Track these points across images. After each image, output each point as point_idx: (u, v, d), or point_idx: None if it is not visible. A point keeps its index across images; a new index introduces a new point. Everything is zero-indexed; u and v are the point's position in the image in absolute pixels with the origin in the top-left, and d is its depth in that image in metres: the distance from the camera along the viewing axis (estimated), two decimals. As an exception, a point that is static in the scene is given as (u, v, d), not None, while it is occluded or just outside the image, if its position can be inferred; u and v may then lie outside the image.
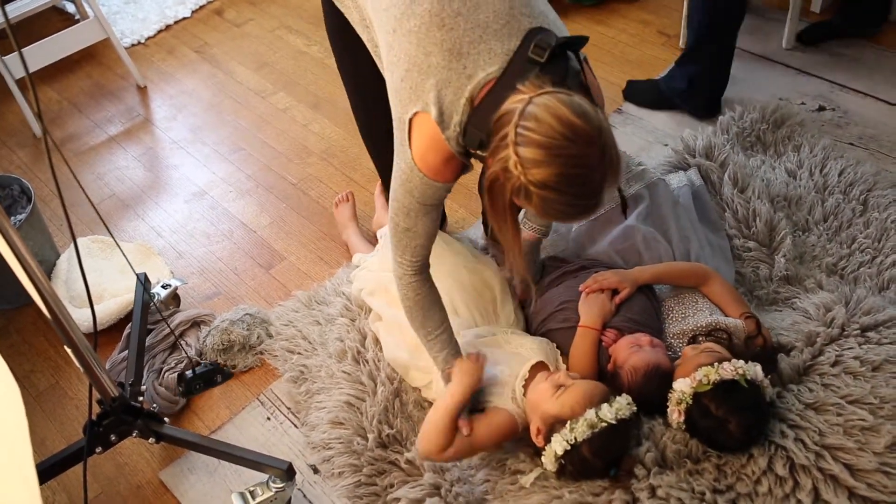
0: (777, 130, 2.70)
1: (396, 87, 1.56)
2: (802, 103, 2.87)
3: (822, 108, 2.84)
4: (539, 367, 1.88)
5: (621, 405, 1.71)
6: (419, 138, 1.54)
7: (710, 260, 2.19)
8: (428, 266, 1.80)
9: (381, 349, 2.16)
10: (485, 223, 2.39)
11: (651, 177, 2.39)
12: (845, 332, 1.97)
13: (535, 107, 1.37)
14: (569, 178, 1.38)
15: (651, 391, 1.77)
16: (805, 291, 2.17)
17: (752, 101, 2.80)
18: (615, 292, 2.00)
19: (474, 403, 1.86)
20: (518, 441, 1.89)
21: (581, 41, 1.52)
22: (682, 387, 1.76)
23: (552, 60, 1.46)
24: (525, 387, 1.84)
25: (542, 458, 1.76)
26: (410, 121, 1.53)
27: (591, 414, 1.69)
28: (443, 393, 1.82)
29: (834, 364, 1.91)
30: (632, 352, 1.86)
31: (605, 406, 1.70)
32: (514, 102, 1.40)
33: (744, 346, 1.90)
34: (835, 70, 2.99)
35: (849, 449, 1.75)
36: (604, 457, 1.71)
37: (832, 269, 2.26)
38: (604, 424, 1.68)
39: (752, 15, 3.29)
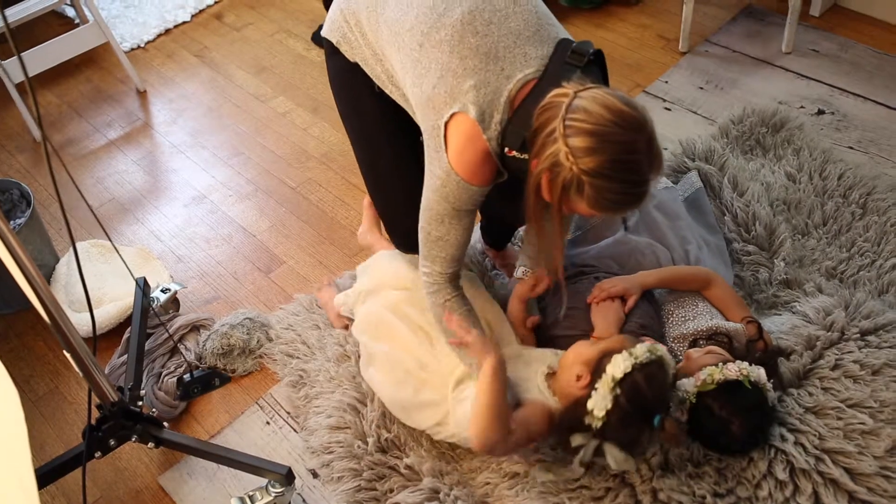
0: (776, 134, 2.70)
1: (429, 96, 1.56)
2: (802, 107, 2.88)
3: (821, 112, 2.85)
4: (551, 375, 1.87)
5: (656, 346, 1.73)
6: (456, 138, 1.55)
7: (709, 261, 2.19)
8: (459, 277, 1.78)
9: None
10: (483, 232, 2.39)
11: None
12: (845, 336, 1.97)
13: (581, 100, 1.41)
14: (620, 164, 1.41)
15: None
16: (805, 295, 2.17)
17: (751, 104, 2.80)
18: (623, 299, 2.00)
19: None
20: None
21: (602, 55, 1.58)
22: (686, 386, 1.76)
23: (587, 68, 1.51)
24: (548, 380, 1.81)
25: (592, 400, 1.66)
26: (447, 124, 1.54)
27: (646, 343, 1.70)
28: (483, 377, 1.71)
29: (834, 368, 1.91)
30: None
31: (652, 344, 1.71)
32: (557, 97, 1.44)
33: (745, 350, 1.90)
34: (834, 74, 2.99)
35: (849, 453, 1.75)
36: (659, 393, 1.68)
37: (832, 272, 2.26)
38: (659, 353, 1.69)
39: (751, 19, 3.30)
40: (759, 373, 1.77)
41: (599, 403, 1.66)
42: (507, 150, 1.54)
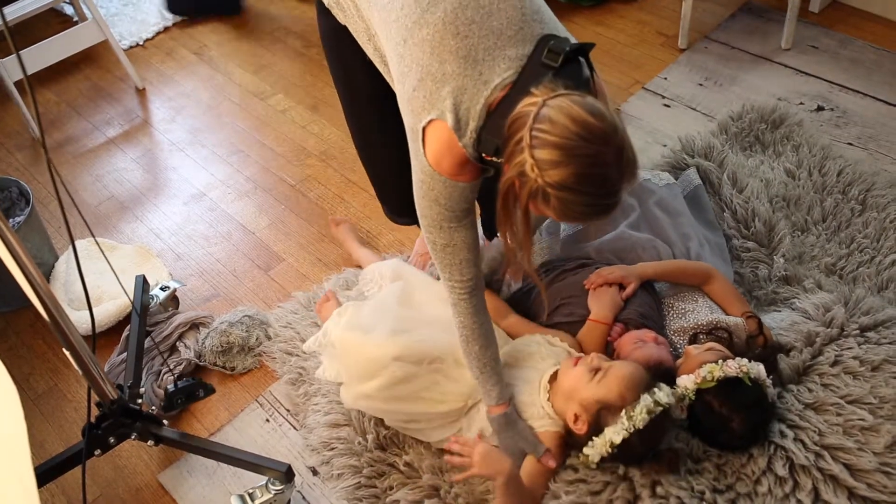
0: (776, 130, 2.70)
1: (409, 97, 1.55)
2: (801, 103, 2.87)
3: (820, 108, 2.85)
4: (555, 376, 1.87)
5: (667, 389, 1.72)
6: (433, 144, 1.53)
7: (710, 258, 2.19)
8: (483, 286, 1.76)
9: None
10: (483, 226, 2.38)
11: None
12: (844, 332, 1.97)
13: (548, 109, 1.37)
14: (586, 178, 1.38)
15: (652, 386, 1.77)
16: (804, 291, 2.17)
17: (750, 101, 2.80)
18: (621, 287, 2.01)
19: None
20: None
21: (589, 47, 1.52)
22: (686, 383, 1.76)
23: (565, 66, 1.46)
24: (549, 398, 1.83)
25: (587, 448, 1.74)
26: (424, 129, 1.52)
27: (648, 400, 1.68)
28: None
29: (833, 364, 1.91)
30: (635, 346, 1.87)
31: (657, 391, 1.70)
32: (527, 106, 1.40)
33: (745, 345, 1.90)
34: (833, 70, 2.99)
35: (848, 449, 1.75)
36: (652, 444, 1.72)
37: (831, 269, 2.26)
38: (660, 409, 1.68)
39: (750, 15, 3.30)
40: (759, 369, 1.77)
41: (594, 456, 1.74)
42: (484, 155, 1.53)
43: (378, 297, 2.14)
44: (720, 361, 1.77)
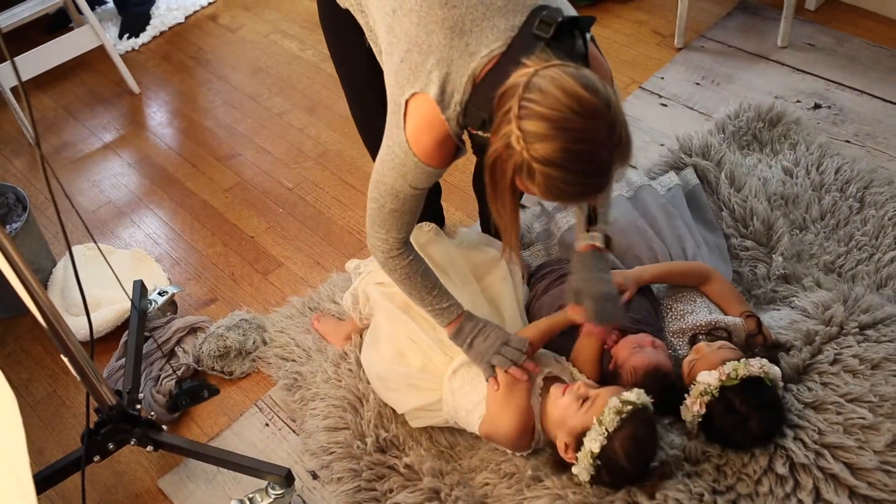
0: (773, 129, 2.70)
1: (395, 69, 1.50)
2: (798, 101, 2.87)
3: (817, 106, 2.84)
4: (550, 379, 1.87)
5: (638, 391, 1.72)
6: (414, 119, 1.49)
7: (707, 258, 2.19)
8: (410, 241, 1.76)
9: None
10: (483, 223, 2.38)
11: (635, 183, 2.38)
12: (844, 331, 1.97)
13: (540, 79, 1.32)
14: (574, 154, 1.32)
15: (650, 391, 1.77)
16: (803, 290, 2.17)
17: (747, 99, 2.80)
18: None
19: None
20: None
21: (589, 22, 1.47)
22: (709, 379, 1.75)
23: (557, 37, 1.40)
24: (541, 400, 1.83)
25: (576, 468, 1.74)
26: (407, 102, 1.48)
27: (614, 401, 1.68)
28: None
29: (833, 362, 1.91)
30: (633, 352, 1.86)
31: (625, 392, 1.70)
32: (518, 76, 1.35)
33: (745, 344, 1.90)
34: (830, 68, 2.99)
35: (849, 447, 1.75)
36: (636, 452, 1.70)
37: (830, 267, 2.26)
38: (629, 408, 1.67)
39: (746, 14, 3.30)
40: (775, 370, 1.78)
41: (583, 473, 1.73)
42: (469, 129, 1.49)
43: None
44: (743, 360, 1.76)
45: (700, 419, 1.79)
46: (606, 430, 1.66)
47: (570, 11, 1.52)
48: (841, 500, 1.70)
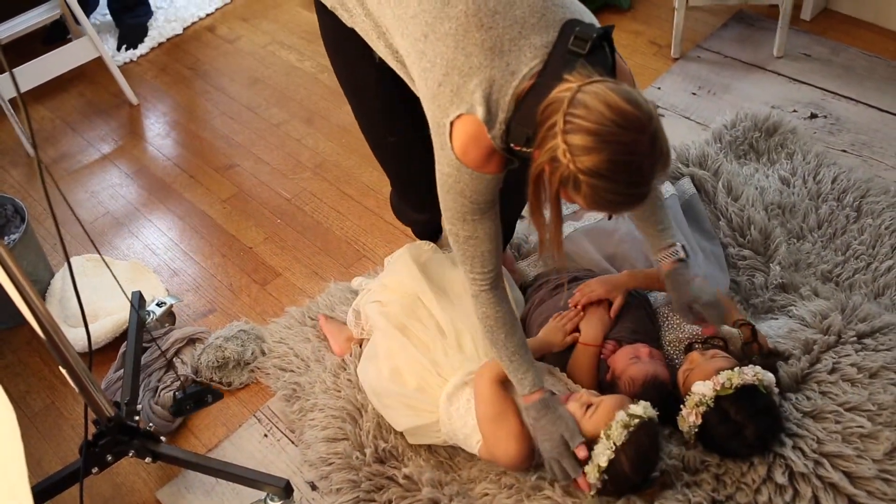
0: (770, 138, 2.71)
1: (434, 93, 1.53)
2: (794, 111, 2.88)
3: (814, 116, 2.85)
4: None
5: (644, 403, 1.72)
6: (461, 138, 1.52)
7: (704, 267, 2.19)
8: (502, 277, 1.76)
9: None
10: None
11: None
12: (842, 340, 1.98)
13: (584, 94, 1.37)
14: (619, 166, 1.37)
15: (649, 401, 1.77)
16: (801, 299, 2.17)
17: (744, 109, 2.81)
18: (611, 303, 2.00)
19: None
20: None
21: (610, 30, 1.52)
22: (704, 390, 1.75)
23: (593, 52, 1.46)
24: None
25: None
26: (452, 123, 1.51)
27: (622, 415, 1.68)
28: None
29: (831, 371, 1.92)
30: (630, 362, 1.86)
31: (632, 405, 1.70)
32: (561, 91, 1.39)
33: (741, 353, 1.90)
34: (826, 77, 3.00)
35: (847, 456, 1.75)
36: (644, 467, 1.71)
37: (827, 276, 2.26)
38: (636, 421, 1.68)
39: (742, 24, 3.31)
40: (769, 377, 1.78)
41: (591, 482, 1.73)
42: (513, 145, 1.52)
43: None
44: (737, 369, 1.76)
45: (696, 429, 1.79)
46: (614, 444, 1.67)
47: (592, 18, 1.56)
48: (840, 509, 1.70)
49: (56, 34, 3.59)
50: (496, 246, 1.69)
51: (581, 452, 1.71)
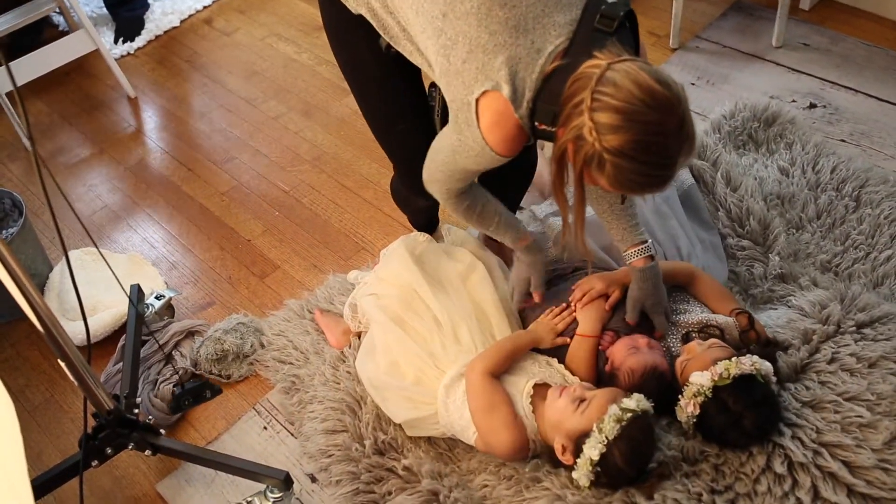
0: (768, 128, 2.70)
1: (457, 70, 1.52)
2: (793, 101, 2.88)
3: (813, 106, 2.85)
4: (541, 386, 1.86)
5: (638, 396, 1.72)
6: (487, 115, 1.51)
7: (702, 257, 2.19)
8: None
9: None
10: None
11: None
12: (841, 329, 1.97)
13: (613, 72, 1.35)
14: (645, 146, 1.36)
15: (649, 392, 1.77)
16: (800, 289, 2.17)
17: (743, 99, 2.81)
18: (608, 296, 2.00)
19: None
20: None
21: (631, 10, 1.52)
22: (702, 380, 1.74)
23: (618, 31, 1.45)
24: (532, 404, 1.83)
25: (575, 473, 1.74)
26: (478, 100, 1.50)
27: (614, 409, 1.68)
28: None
29: (830, 361, 1.91)
30: (629, 353, 1.85)
31: (624, 399, 1.70)
32: (589, 68, 1.38)
33: (739, 341, 1.90)
34: (825, 67, 2.99)
35: (847, 446, 1.75)
36: (638, 460, 1.71)
37: (826, 266, 2.26)
38: (629, 415, 1.67)
39: (741, 14, 3.30)
40: (767, 366, 1.78)
41: (583, 479, 1.73)
42: (537, 123, 1.51)
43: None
44: (734, 358, 1.76)
45: (695, 419, 1.79)
46: (606, 437, 1.66)
47: None
48: (839, 499, 1.70)
49: (27, 40, 3.43)
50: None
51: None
